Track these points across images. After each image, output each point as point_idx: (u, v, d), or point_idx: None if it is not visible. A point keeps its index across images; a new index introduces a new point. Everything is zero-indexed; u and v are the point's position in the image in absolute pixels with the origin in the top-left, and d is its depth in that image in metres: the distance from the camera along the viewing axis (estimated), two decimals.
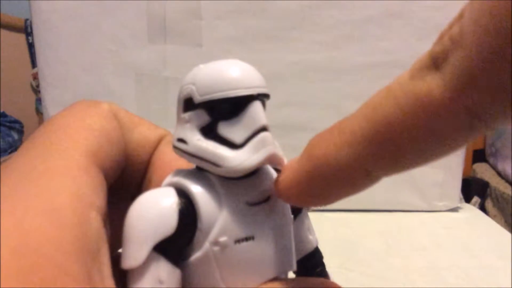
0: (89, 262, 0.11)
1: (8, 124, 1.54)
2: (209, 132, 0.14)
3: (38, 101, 1.62)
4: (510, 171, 1.27)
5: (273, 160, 0.14)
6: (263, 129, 0.14)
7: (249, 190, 0.15)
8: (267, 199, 0.15)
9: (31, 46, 1.64)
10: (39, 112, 1.64)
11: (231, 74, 0.14)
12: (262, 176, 0.15)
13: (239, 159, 0.14)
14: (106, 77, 0.62)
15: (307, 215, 0.18)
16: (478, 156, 1.53)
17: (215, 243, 0.14)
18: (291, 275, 0.16)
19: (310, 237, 0.18)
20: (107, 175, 0.14)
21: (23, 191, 0.12)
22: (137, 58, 0.61)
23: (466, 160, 0.69)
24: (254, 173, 0.15)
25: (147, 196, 0.14)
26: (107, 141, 0.15)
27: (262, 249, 0.15)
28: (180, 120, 0.15)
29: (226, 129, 0.14)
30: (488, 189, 1.32)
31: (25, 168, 0.12)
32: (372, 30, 0.60)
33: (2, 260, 0.10)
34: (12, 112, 1.60)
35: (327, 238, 0.56)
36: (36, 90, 1.62)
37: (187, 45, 0.60)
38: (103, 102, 0.16)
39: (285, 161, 0.15)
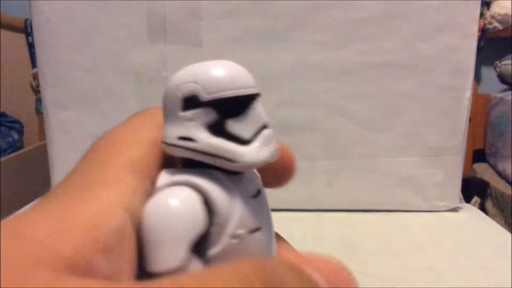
0: (121, 262, 0.13)
1: (8, 124, 1.54)
2: (216, 129, 0.15)
3: (38, 101, 1.62)
4: (510, 171, 1.27)
5: (277, 154, 0.15)
6: (266, 126, 0.15)
7: (248, 184, 0.16)
8: (259, 192, 0.16)
9: (31, 46, 1.64)
10: (39, 112, 1.64)
11: (236, 73, 0.15)
12: (250, 172, 0.16)
13: (251, 154, 0.14)
14: (106, 77, 0.62)
15: None
16: (478, 156, 1.53)
17: (234, 236, 0.14)
18: None
19: None
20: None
21: (63, 202, 0.13)
22: (137, 58, 0.61)
23: (466, 160, 0.69)
24: None
25: (168, 196, 0.14)
26: (155, 149, 0.16)
27: (266, 238, 0.16)
28: (177, 119, 0.15)
29: (234, 126, 0.15)
30: (488, 189, 1.32)
31: (69, 181, 0.14)
32: (372, 30, 0.60)
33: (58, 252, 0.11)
34: (12, 112, 1.60)
35: (327, 238, 0.56)
36: (36, 90, 1.62)
37: (187, 45, 0.60)
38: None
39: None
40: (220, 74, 0.15)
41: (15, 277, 0.10)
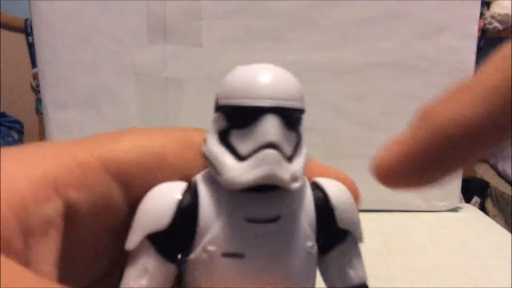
0: (43, 251, 0.12)
1: (8, 124, 1.54)
2: (224, 137, 0.14)
3: (38, 101, 1.62)
4: (510, 171, 1.27)
5: (272, 180, 0.13)
6: (270, 145, 0.13)
7: (253, 206, 0.14)
8: (273, 220, 0.14)
9: (31, 46, 1.64)
10: (39, 112, 1.64)
11: (253, 81, 0.13)
12: (279, 194, 0.14)
13: (236, 172, 0.13)
14: (106, 77, 0.62)
15: (354, 248, 0.16)
16: None
17: (205, 250, 0.14)
18: None
19: (351, 272, 0.16)
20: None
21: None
22: (137, 58, 0.61)
23: None
24: (272, 189, 0.13)
25: (158, 187, 0.15)
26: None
27: (252, 270, 0.14)
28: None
29: (236, 138, 0.13)
30: (488, 189, 1.32)
31: None
32: (372, 30, 0.60)
33: None
34: (12, 112, 1.60)
35: None
36: (36, 90, 1.62)
37: (187, 45, 0.60)
38: None
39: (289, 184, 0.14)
40: (238, 79, 0.14)
41: None
